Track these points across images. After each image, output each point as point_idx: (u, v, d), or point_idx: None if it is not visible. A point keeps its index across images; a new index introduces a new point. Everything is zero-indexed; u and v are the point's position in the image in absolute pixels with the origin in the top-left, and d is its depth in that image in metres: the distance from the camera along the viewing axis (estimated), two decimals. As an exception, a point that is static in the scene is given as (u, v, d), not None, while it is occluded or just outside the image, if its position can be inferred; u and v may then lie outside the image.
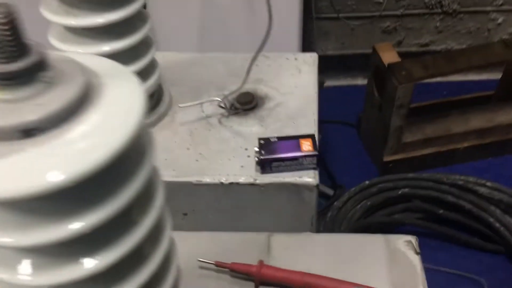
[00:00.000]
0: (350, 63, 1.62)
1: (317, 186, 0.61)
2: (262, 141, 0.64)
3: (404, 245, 0.54)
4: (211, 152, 0.66)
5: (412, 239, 0.55)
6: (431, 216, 1.15)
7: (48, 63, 0.31)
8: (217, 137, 0.68)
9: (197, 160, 0.65)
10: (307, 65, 0.78)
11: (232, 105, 0.72)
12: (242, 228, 0.58)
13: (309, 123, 0.69)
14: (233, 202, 0.63)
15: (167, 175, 0.63)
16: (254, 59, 0.68)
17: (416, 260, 0.53)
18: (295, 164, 0.62)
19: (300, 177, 0.61)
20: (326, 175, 1.23)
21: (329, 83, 1.59)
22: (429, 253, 0.83)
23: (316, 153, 0.61)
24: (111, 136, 0.30)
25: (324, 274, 0.50)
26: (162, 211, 0.38)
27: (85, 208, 0.31)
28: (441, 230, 1.12)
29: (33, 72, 0.30)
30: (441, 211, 1.13)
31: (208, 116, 0.71)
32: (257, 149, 0.63)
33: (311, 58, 0.79)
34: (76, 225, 0.30)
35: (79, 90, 0.30)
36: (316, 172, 0.62)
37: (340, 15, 1.47)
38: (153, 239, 0.37)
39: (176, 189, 0.63)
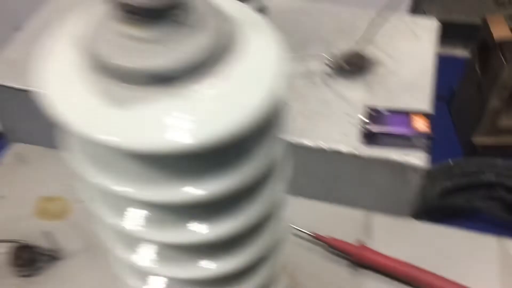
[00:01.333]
0: (452, 31, 1.51)
1: (425, 169, 0.55)
2: (370, 110, 0.58)
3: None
4: (310, 113, 0.62)
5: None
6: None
7: (185, 3, 0.26)
8: (319, 97, 0.63)
9: (295, 119, 0.61)
10: (426, 32, 0.71)
11: (339, 64, 0.66)
12: (336, 199, 0.54)
13: (423, 98, 0.62)
14: (330, 170, 0.59)
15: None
16: (375, 19, 0.61)
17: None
18: (404, 141, 0.56)
19: (407, 155, 0.56)
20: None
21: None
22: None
23: (430, 133, 0.56)
24: (252, 96, 0.26)
25: (426, 268, 0.46)
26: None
27: (210, 175, 0.27)
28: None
29: (172, 10, 0.25)
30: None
31: (311, 73, 0.66)
32: (363, 118, 0.58)
33: (431, 25, 0.72)
34: (197, 191, 0.27)
35: (216, 39, 0.26)
36: (427, 154, 0.56)
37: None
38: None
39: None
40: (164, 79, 0.25)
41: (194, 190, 0.27)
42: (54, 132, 0.30)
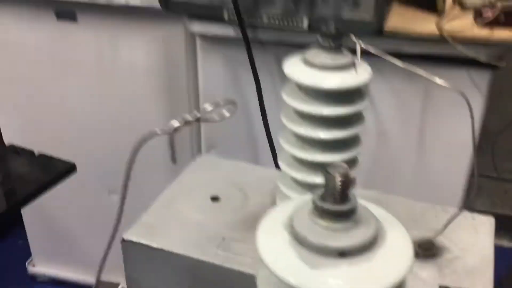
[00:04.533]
0: (498, 222, 1.65)
1: None
2: (443, 288, 0.72)
3: None
4: None
5: None
6: None
7: (358, 209, 0.44)
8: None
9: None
10: (484, 226, 0.87)
11: (414, 249, 0.81)
12: None
13: (485, 283, 0.76)
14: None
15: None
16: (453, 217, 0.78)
17: None
18: (473, 316, 0.69)
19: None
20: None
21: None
22: None
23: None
24: (392, 271, 0.42)
25: None
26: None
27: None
28: None
29: (350, 213, 0.43)
30: None
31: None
32: (437, 295, 0.72)
33: (488, 221, 0.88)
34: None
35: (375, 231, 0.43)
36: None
37: (498, 176, 1.54)
38: None
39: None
40: (345, 254, 0.41)
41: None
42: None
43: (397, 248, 0.43)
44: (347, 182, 0.42)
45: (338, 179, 0.41)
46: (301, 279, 0.41)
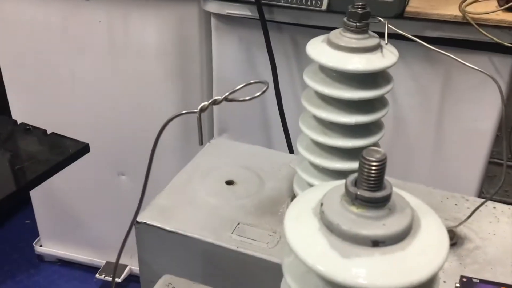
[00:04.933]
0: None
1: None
2: (464, 279, 0.70)
3: None
4: None
5: None
6: None
7: (391, 196, 0.41)
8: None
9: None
10: (505, 216, 0.85)
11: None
12: None
13: (506, 273, 0.74)
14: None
15: None
16: (477, 207, 0.76)
17: None
18: (496, 308, 0.67)
19: (497, 322, 0.67)
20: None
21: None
22: None
23: (519, 303, 0.67)
24: (428, 262, 0.40)
25: None
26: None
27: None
28: None
29: (384, 201, 0.41)
30: None
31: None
32: (458, 285, 0.70)
33: (509, 211, 0.86)
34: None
35: (410, 219, 0.41)
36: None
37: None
38: None
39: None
40: (378, 243, 0.39)
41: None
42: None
43: (432, 238, 0.41)
44: (383, 168, 0.40)
45: (374, 165, 0.39)
46: (331, 268, 0.39)
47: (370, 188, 0.40)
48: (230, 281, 0.78)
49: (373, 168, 0.40)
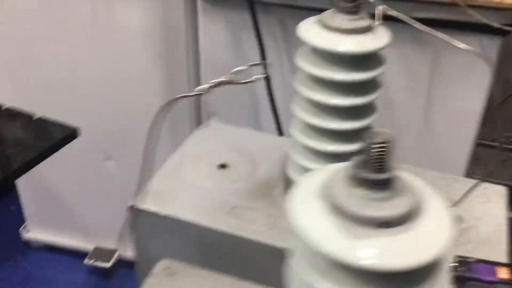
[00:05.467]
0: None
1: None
2: (459, 258, 0.71)
3: None
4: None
5: None
6: None
7: (397, 178, 0.41)
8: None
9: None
10: (496, 196, 0.86)
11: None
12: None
13: (500, 252, 0.75)
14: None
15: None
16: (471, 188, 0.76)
17: None
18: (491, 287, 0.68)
19: (492, 299, 0.68)
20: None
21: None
22: None
23: (513, 281, 0.68)
24: (434, 242, 0.40)
25: None
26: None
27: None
28: None
29: (390, 182, 0.41)
30: None
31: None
32: (454, 265, 0.71)
33: (500, 191, 0.87)
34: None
35: (415, 201, 0.41)
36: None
37: (498, 144, 1.53)
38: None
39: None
40: (385, 224, 0.39)
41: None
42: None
43: (437, 219, 0.41)
44: (389, 150, 0.40)
45: (381, 146, 0.39)
46: (338, 249, 0.39)
47: (376, 170, 0.40)
48: (227, 265, 0.78)
49: (380, 149, 0.39)
